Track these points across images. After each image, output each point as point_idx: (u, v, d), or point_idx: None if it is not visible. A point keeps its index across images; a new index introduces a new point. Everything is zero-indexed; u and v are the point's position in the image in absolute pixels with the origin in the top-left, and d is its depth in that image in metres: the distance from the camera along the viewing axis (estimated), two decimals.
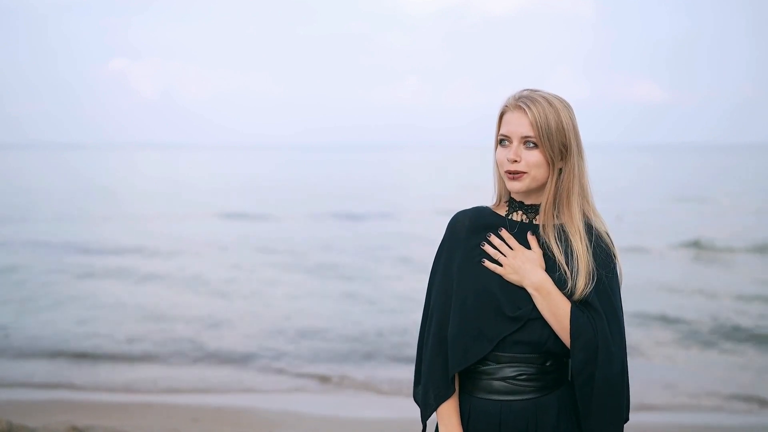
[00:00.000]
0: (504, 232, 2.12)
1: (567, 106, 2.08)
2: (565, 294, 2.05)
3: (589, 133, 2.14)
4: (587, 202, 2.12)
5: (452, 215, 2.21)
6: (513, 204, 2.15)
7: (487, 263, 2.10)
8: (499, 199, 2.19)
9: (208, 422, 6.29)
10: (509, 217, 2.15)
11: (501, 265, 2.09)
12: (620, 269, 2.15)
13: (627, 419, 2.13)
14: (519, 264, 2.07)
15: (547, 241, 2.09)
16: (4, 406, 6.44)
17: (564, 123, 2.04)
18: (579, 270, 2.05)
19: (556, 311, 2.04)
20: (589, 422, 2.07)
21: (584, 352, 2.02)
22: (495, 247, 2.12)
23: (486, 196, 2.22)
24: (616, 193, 30.95)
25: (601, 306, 2.06)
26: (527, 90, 2.09)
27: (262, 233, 20.33)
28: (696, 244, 17.69)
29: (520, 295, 2.07)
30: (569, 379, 2.14)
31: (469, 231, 2.14)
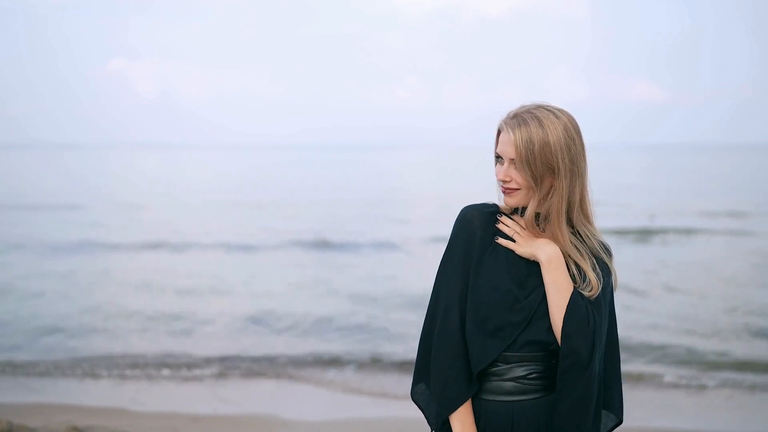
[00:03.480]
0: (516, 217, 2.15)
1: (565, 125, 2.05)
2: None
3: (588, 134, 2.15)
4: (583, 215, 2.12)
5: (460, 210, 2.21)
6: (515, 209, 2.18)
7: (501, 240, 2.12)
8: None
9: (208, 422, 6.29)
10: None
11: (514, 241, 2.12)
12: (615, 279, 2.18)
13: (622, 420, 2.19)
14: (532, 240, 2.10)
15: None
16: (4, 406, 6.44)
17: (552, 143, 2.02)
18: (588, 278, 2.10)
19: (560, 285, 2.05)
20: (561, 408, 2.05)
21: (574, 327, 2.02)
22: (505, 236, 2.14)
23: (486, 196, 2.24)
24: (614, 193, 30.95)
25: (604, 310, 2.11)
26: (525, 107, 2.09)
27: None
28: None
29: (531, 283, 2.09)
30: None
31: (481, 225, 2.15)
